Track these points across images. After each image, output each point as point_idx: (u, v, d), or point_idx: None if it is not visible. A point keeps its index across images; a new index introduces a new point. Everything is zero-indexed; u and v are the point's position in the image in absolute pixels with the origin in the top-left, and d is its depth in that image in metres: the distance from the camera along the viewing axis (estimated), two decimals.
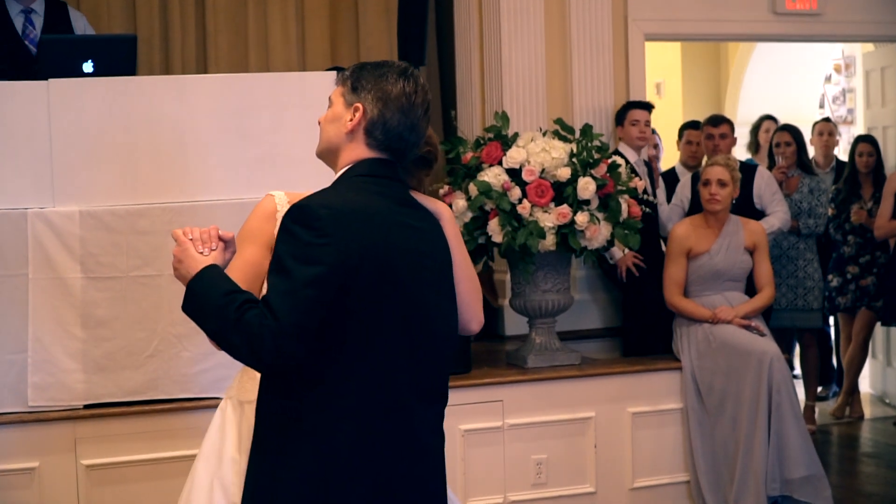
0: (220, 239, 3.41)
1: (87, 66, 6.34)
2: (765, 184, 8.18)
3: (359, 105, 3.37)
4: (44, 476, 5.92)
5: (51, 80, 6.04)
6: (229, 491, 3.63)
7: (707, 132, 8.53)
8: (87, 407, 6.03)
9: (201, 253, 3.36)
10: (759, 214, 8.03)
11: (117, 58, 6.48)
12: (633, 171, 7.49)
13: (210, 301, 3.19)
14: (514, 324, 7.69)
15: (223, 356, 5.99)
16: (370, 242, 3.20)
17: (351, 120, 3.38)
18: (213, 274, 3.27)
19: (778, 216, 8.03)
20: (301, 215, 3.17)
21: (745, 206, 7.92)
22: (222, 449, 3.72)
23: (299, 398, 3.21)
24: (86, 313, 6.00)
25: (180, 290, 5.89)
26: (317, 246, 3.12)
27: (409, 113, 3.39)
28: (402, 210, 3.37)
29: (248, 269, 3.55)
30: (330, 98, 3.51)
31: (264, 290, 3.55)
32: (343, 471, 3.20)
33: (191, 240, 3.39)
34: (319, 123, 3.53)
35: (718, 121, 8.58)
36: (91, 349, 6.01)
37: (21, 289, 5.95)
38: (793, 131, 9.18)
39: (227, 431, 3.73)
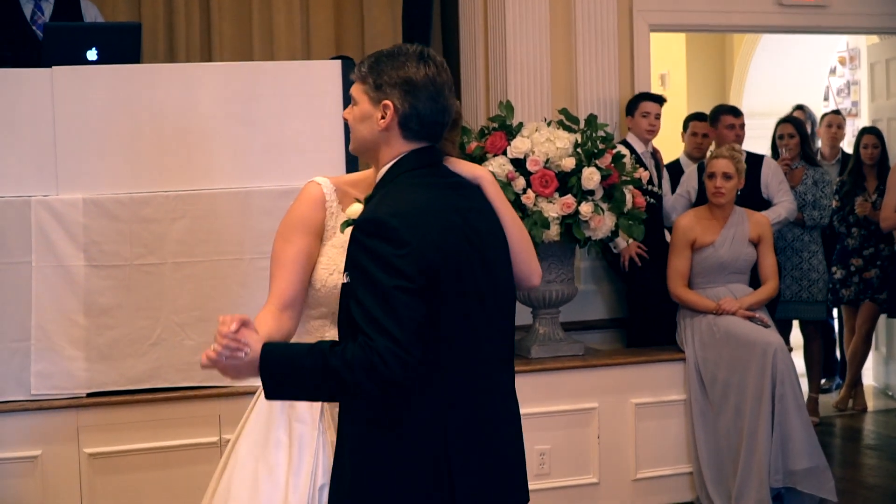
0: (237, 329, 3.21)
1: (92, 54, 6.33)
2: (772, 173, 8.16)
3: (388, 102, 3.35)
4: (46, 464, 5.92)
5: (55, 67, 6.03)
6: (275, 473, 3.60)
7: (728, 122, 8.52)
8: (89, 395, 6.03)
9: (246, 355, 3.19)
10: (766, 204, 8.00)
11: (122, 45, 6.47)
12: (639, 161, 7.49)
13: (301, 371, 3.16)
14: (518, 314, 7.59)
15: None
16: (443, 237, 3.22)
17: (383, 118, 3.37)
18: (275, 352, 3.20)
19: (784, 206, 8.01)
20: (376, 229, 3.17)
21: (752, 196, 7.90)
22: (268, 432, 3.69)
23: (399, 404, 3.25)
24: (89, 301, 6.00)
25: (184, 278, 5.97)
26: (402, 256, 3.13)
27: (438, 97, 3.37)
28: (454, 194, 3.39)
29: (303, 259, 3.54)
30: (352, 95, 3.47)
31: (316, 275, 3.60)
32: (462, 456, 3.27)
33: (227, 358, 3.19)
34: (346, 119, 3.50)
35: (740, 112, 8.62)
36: (94, 337, 6.00)
37: (24, 276, 5.95)
38: (796, 123, 9.17)
39: (275, 413, 3.70)
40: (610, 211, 6.72)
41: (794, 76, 13.32)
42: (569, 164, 6.60)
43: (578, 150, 6.70)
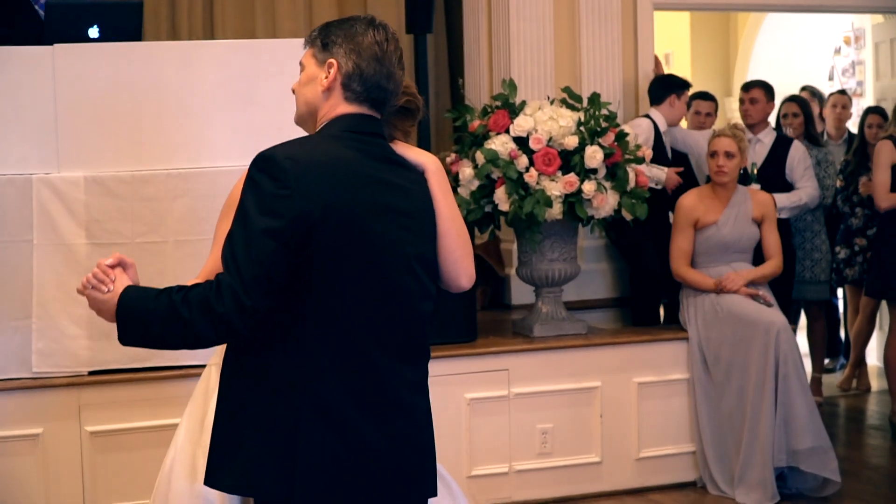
0: (114, 266, 3.31)
1: (93, 32, 6.31)
2: (798, 158, 8.11)
3: (332, 61, 3.32)
4: (47, 442, 5.92)
5: (56, 45, 6.01)
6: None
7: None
8: (91, 373, 6.03)
9: (107, 292, 3.26)
10: (790, 187, 7.98)
11: (123, 23, 6.45)
12: (659, 137, 7.53)
13: (144, 310, 3.15)
14: (521, 293, 7.67)
15: None
16: (335, 196, 3.14)
17: (326, 77, 3.33)
18: (130, 294, 3.22)
19: (806, 191, 7.98)
20: (265, 165, 3.13)
21: (778, 180, 7.87)
22: (206, 416, 3.68)
23: (266, 354, 3.17)
24: None
25: (186, 256, 5.97)
26: (278, 197, 3.07)
27: (384, 61, 3.34)
28: (379, 166, 3.30)
29: None
30: (301, 63, 3.45)
31: None
32: (313, 428, 3.15)
33: (92, 288, 3.28)
34: (294, 91, 3.48)
35: (749, 86, 8.63)
36: (95, 316, 5.93)
37: (25, 255, 5.94)
38: (800, 102, 9.15)
39: (211, 398, 3.68)
40: (613, 189, 6.70)
41: (798, 56, 13.31)
42: (571, 142, 6.58)
43: (581, 128, 6.69)
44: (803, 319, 9.55)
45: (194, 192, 6.10)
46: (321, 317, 3.16)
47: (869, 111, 9.52)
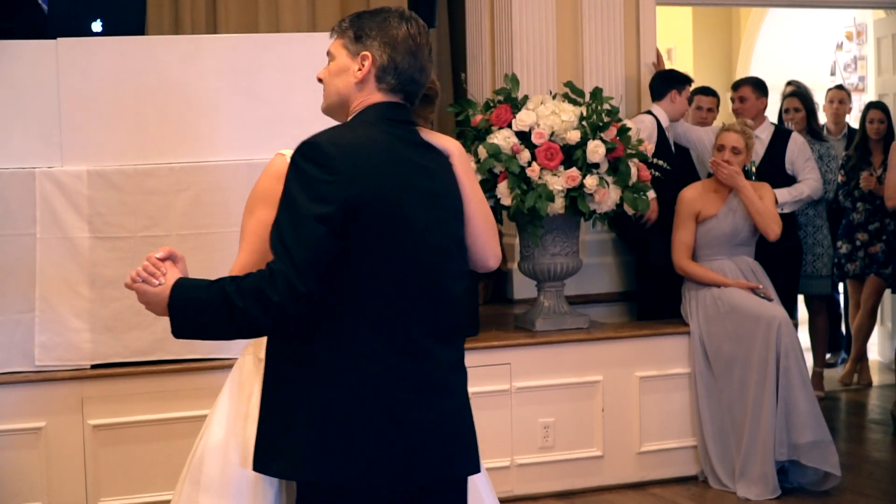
0: (165, 259, 3.33)
1: (97, 26, 6.33)
2: (798, 150, 8.08)
3: (367, 53, 3.35)
4: (50, 436, 5.93)
5: (59, 39, 6.03)
6: (247, 448, 3.58)
7: (696, 103, 8.65)
8: (94, 367, 6.04)
9: (158, 285, 3.27)
10: (791, 181, 7.96)
11: (126, 17, 6.47)
12: (662, 133, 7.54)
13: (197, 303, 3.16)
14: (523, 287, 7.67)
15: None
16: (379, 181, 3.19)
17: (360, 69, 3.36)
18: (182, 286, 3.23)
19: (808, 183, 7.93)
20: (311, 152, 3.16)
21: (778, 174, 7.86)
22: (240, 406, 3.68)
23: (312, 338, 3.20)
24: (93, 273, 6.01)
25: (189, 250, 5.94)
26: (326, 183, 3.11)
27: (417, 54, 3.38)
28: (413, 150, 3.36)
29: (263, 231, 3.48)
30: (329, 52, 3.48)
31: None
32: (360, 409, 3.19)
33: (143, 281, 3.28)
34: (321, 80, 3.49)
35: (737, 84, 8.64)
36: (98, 309, 6.01)
37: (28, 248, 5.96)
38: (802, 97, 9.15)
39: (247, 388, 3.68)
40: (615, 184, 6.71)
41: (800, 51, 13.30)
42: (574, 136, 6.59)
43: (584, 123, 6.69)
44: (803, 314, 9.56)
45: (197, 186, 6.11)
46: (366, 300, 3.20)
47: (870, 106, 9.51)
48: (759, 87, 8.48)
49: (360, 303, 3.19)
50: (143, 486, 6.03)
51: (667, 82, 7.90)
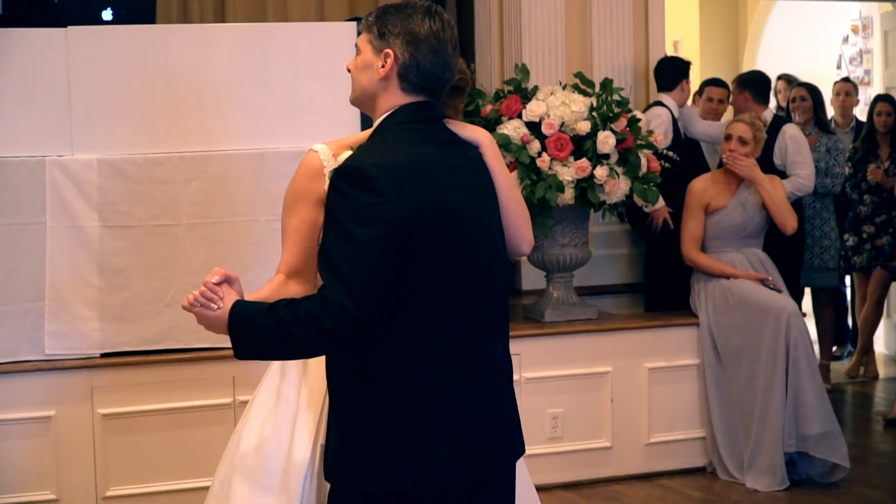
0: (221, 283, 3.32)
1: (107, 14, 6.35)
2: (787, 142, 7.98)
3: (389, 51, 3.34)
4: (60, 424, 5.93)
5: (70, 27, 6.03)
6: (280, 429, 3.60)
7: (707, 94, 8.68)
8: (103, 355, 6.05)
9: (217, 309, 3.28)
10: (781, 174, 7.90)
11: (136, 6, 6.50)
12: (675, 122, 7.56)
13: (258, 328, 3.18)
14: (531, 279, 7.66)
15: None
16: (426, 193, 3.19)
17: (383, 67, 3.34)
18: (241, 311, 3.24)
19: (792, 181, 7.78)
20: (354, 176, 3.15)
21: (764, 163, 7.82)
22: (280, 388, 3.69)
23: (378, 352, 3.21)
24: (103, 262, 6.02)
25: (197, 239, 5.98)
26: (376, 206, 3.11)
27: (441, 52, 3.36)
28: (447, 151, 3.36)
29: (304, 230, 3.49)
30: (357, 45, 3.47)
31: None
32: (434, 418, 3.23)
33: (201, 306, 3.29)
34: (349, 70, 3.49)
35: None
36: (108, 298, 6.02)
37: (38, 237, 5.97)
38: (809, 88, 9.15)
39: (287, 371, 3.69)
40: (625, 175, 6.70)
41: (807, 44, 13.28)
42: (584, 127, 6.58)
43: (594, 113, 6.69)
44: (807, 306, 9.55)
45: (207, 176, 6.11)
46: (426, 311, 3.22)
47: (878, 99, 9.50)
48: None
49: (421, 313, 3.21)
50: (153, 476, 6.04)
51: (677, 72, 7.89)
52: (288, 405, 3.66)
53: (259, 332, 3.17)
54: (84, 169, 5.99)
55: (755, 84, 8.41)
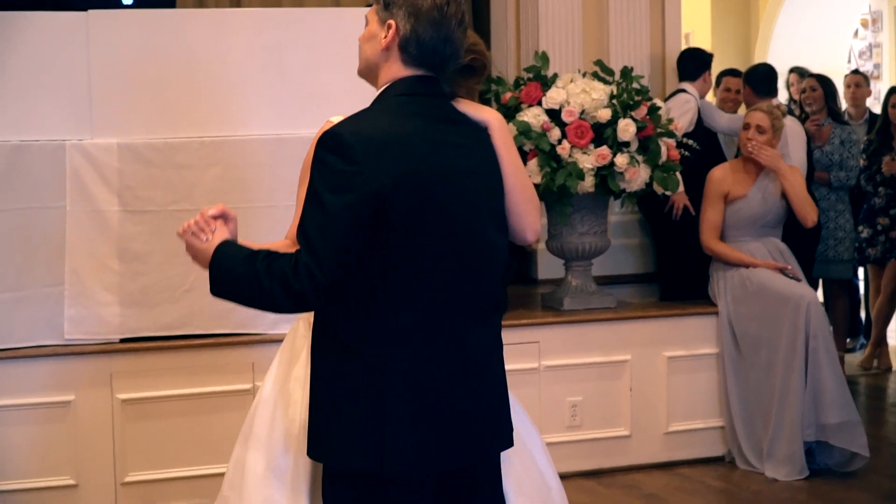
0: (217, 217, 3.37)
1: None
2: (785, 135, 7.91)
3: (391, 22, 3.31)
4: (79, 409, 5.92)
5: (90, 11, 6.01)
6: (291, 408, 3.58)
7: (725, 84, 8.68)
8: (122, 341, 6.03)
9: (206, 240, 3.33)
10: None
11: None
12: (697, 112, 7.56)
13: (234, 271, 3.20)
14: (548, 268, 7.65)
15: None
16: (404, 167, 3.15)
17: (385, 37, 3.32)
18: (225, 250, 3.27)
19: None
20: (331, 143, 3.14)
21: None
22: (290, 366, 3.68)
23: (349, 328, 3.21)
24: (122, 247, 6.00)
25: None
26: (348, 174, 3.09)
27: (442, 25, 3.31)
28: (442, 128, 3.31)
29: None
30: (366, 17, 3.45)
31: None
32: (399, 397, 3.19)
33: (193, 234, 3.35)
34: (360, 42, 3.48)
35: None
36: (127, 283, 6.00)
37: (58, 221, 5.95)
38: (819, 78, 9.15)
39: (297, 349, 3.69)
40: (645, 163, 6.68)
41: (818, 37, 13.26)
42: (605, 115, 6.55)
43: (614, 101, 6.66)
44: (820, 298, 9.52)
45: (226, 161, 6.10)
46: (401, 287, 3.18)
47: (893, 91, 9.46)
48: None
49: (395, 288, 3.18)
50: (172, 462, 6.03)
51: (701, 63, 7.93)
52: (297, 384, 3.65)
53: (234, 277, 3.19)
54: (104, 153, 5.97)
55: (754, 78, 8.37)
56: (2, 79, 5.93)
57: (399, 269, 3.17)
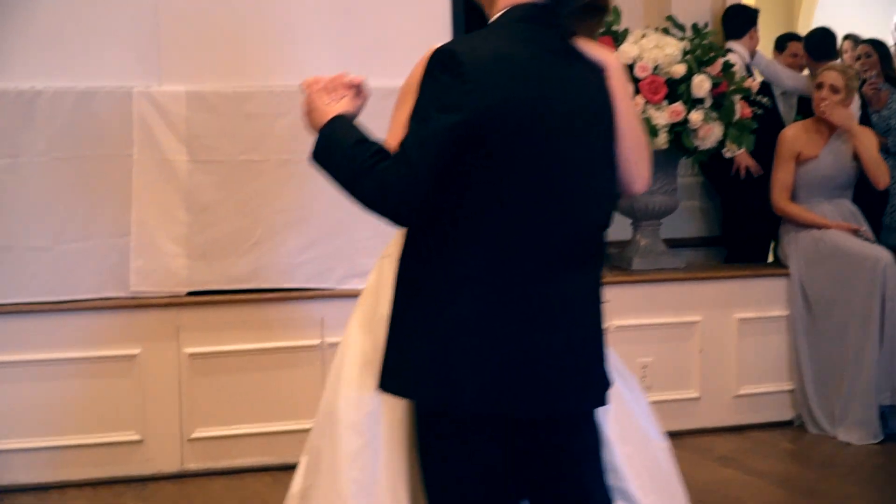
0: (351, 86, 3.24)
1: None
2: None
3: None
4: (144, 363, 5.82)
5: None
6: (379, 348, 3.42)
7: (791, 50, 8.52)
8: (190, 294, 5.92)
9: (327, 103, 3.18)
10: None
11: None
12: (748, 71, 7.35)
13: (341, 150, 3.04)
14: (614, 228, 7.50)
15: (328, 246, 5.89)
16: (513, 92, 2.98)
17: None
18: (342, 124, 3.11)
19: None
20: (445, 60, 2.96)
21: None
22: (376, 307, 3.52)
23: (425, 261, 3.07)
24: (190, 197, 5.90)
25: (288, 176, 5.85)
26: (457, 92, 2.93)
27: None
28: (558, 61, 3.12)
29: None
30: None
31: None
32: (465, 339, 3.02)
33: (320, 90, 3.21)
34: None
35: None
36: (195, 234, 5.89)
37: (124, 170, 5.84)
38: (873, 43, 9.00)
39: (382, 289, 3.52)
40: (718, 120, 6.53)
41: (864, 4, 13.12)
42: (679, 70, 6.42)
43: (688, 57, 6.51)
44: None
45: (297, 111, 5.88)
46: (485, 222, 3.01)
47: None
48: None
49: (478, 224, 3.01)
50: (238, 418, 5.93)
51: (746, 19, 7.78)
52: (383, 322, 3.48)
53: (340, 153, 3.04)
54: (172, 101, 5.84)
55: (811, 43, 8.29)
56: (69, 23, 5.79)
57: (486, 201, 2.99)
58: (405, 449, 3.39)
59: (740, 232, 7.39)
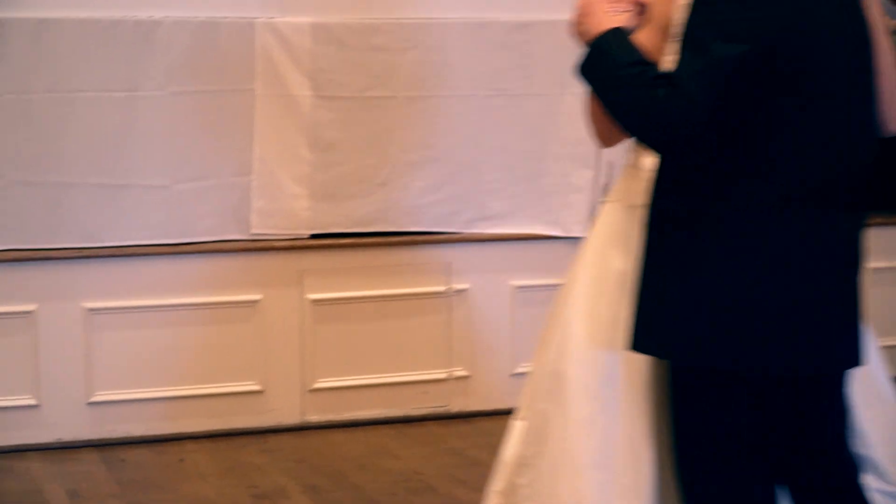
0: (637, 2, 3.02)
1: None
2: None
3: None
4: (266, 309, 5.64)
5: None
6: (613, 306, 3.13)
7: None
8: (313, 237, 5.71)
9: (607, 12, 2.94)
10: None
11: None
12: None
13: (616, 66, 2.79)
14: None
15: (456, 188, 5.65)
16: (796, 20, 2.72)
17: None
18: (621, 37, 2.85)
19: None
20: None
21: None
22: (608, 260, 3.21)
23: (705, 194, 2.78)
24: (314, 135, 5.66)
25: (416, 112, 5.62)
26: (741, 20, 2.66)
27: None
28: None
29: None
30: None
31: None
32: (743, 291, 2.77)
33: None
34: None
35: None
36: (318, 174, 5.67)
37: (246, 105, 5.60)
38: None
39: (614, 239, 3.22)
40: None
41: None
42: None
43: None
44: None
45: (425, 45, 5.74)
46: (763, 161, 2.75)
47: None
48: None
49: (758, 163, 2.75)
50: (362, 368, 5.76)
51: None
52: (618, 276, 3.19)
53: (614, 70, 2.79)
54: (296, 33, 5.58)
55: None
56: None
57: (772, 137, 2.75)
58: (646, 415, 3.15)
59: None
